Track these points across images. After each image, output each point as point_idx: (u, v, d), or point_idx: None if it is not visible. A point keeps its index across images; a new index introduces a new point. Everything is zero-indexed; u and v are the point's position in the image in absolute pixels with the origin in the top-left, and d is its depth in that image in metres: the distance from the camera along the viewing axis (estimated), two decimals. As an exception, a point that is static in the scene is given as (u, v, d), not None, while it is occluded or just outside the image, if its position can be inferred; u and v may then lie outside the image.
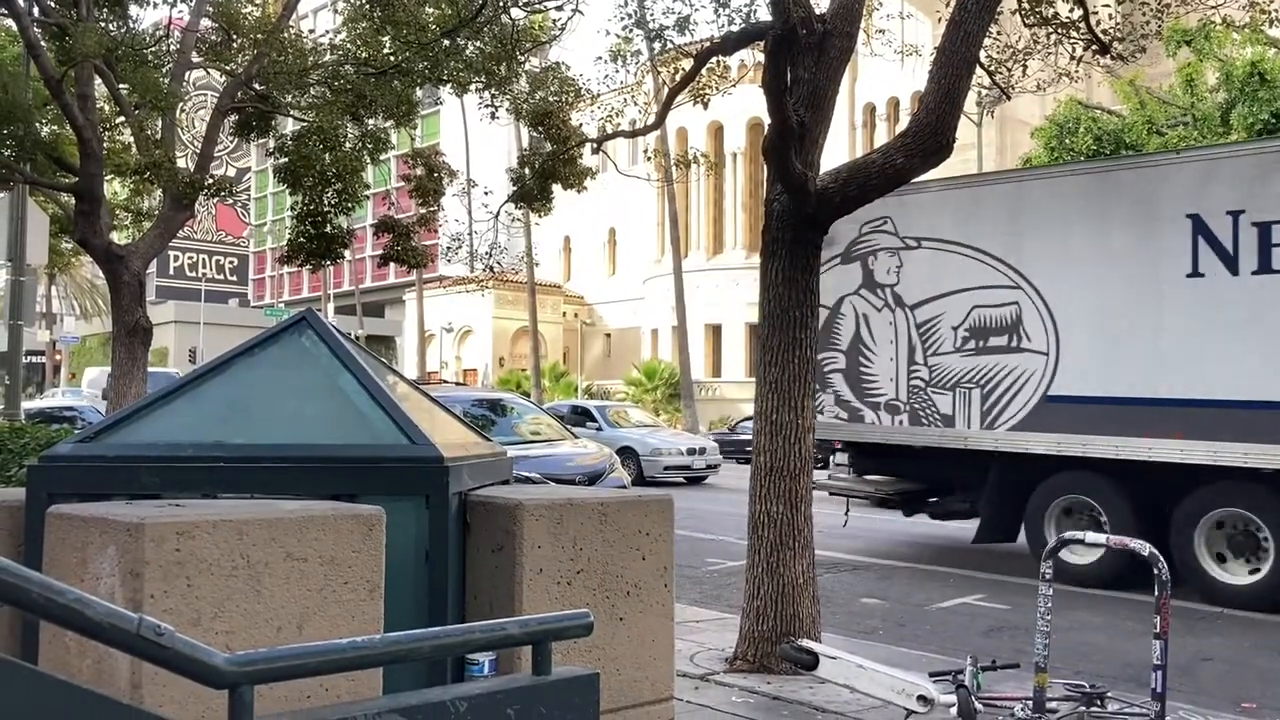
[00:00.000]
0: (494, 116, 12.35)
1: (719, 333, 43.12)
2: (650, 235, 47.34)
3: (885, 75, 32.89)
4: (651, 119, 10.30)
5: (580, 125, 12.37)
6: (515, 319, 49.99)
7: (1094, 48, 9.10)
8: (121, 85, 12.85)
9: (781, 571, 6.35)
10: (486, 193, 14.21)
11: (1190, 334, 9.34)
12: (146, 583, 2.72)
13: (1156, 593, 4.72)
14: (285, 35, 12.85)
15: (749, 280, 37.22)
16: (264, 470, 3.43)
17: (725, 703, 5.72)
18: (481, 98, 12.41)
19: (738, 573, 8.26)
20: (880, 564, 11.30)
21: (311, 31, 38.21)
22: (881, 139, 34.54)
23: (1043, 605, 5.00)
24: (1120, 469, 9.80)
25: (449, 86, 12.87)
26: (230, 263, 75.33)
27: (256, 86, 12.89)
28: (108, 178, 13.72)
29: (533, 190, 12.20)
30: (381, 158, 14.11)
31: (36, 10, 12.53)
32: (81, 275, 47.84)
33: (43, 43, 12.02)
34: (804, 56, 6.41)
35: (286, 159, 13.04)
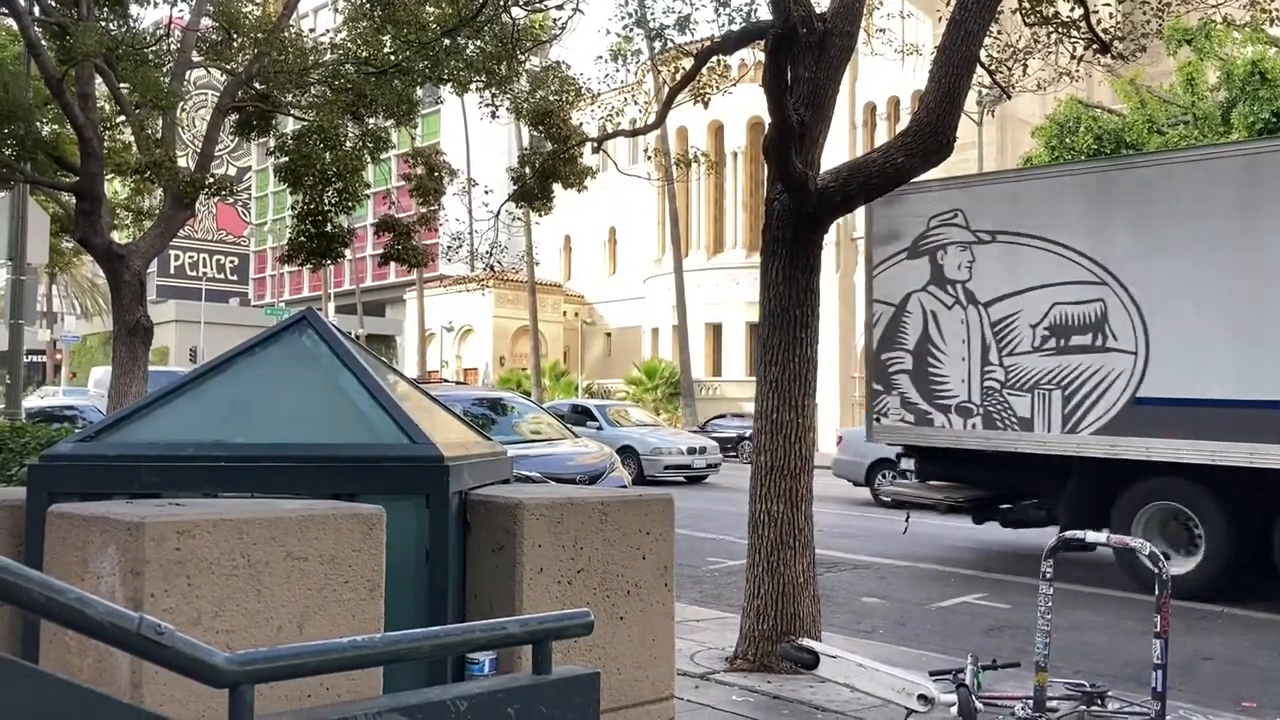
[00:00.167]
0: (494, 116, 12.36)
1: (719, 332, 43.10)
2: (650, 234, 47.33)
3: (886, 74, 32.86)
4: (652, 118, 10.30)
5: (581, 124, 12.38)
6: (516, 318, 50.01)
7: (1094, 47, 9.10)
8: (122, 84, 12.86)
9: (782, 571, 6.35)
10: (487, 192, 14.22)
11: None
12: (147, 582, 2.72)
13: (1157, 592, 4.72)
14: (286, 34, 12.86)
15: (749, 279, 37.21)
16: (264, 469, 3.43)
17: (725, 702, 5.72)
18: (482, 97, 12.43)
19: (738, 572, 8.26)
20: (880, 563, 11.30)
21: (312, 31, 38.22)
22: (882, 138, 34.53)
23: (1043, 604, 5.00)
24: (1217, 476, 9.25)
25: (449, 86, 12.88)
26: (231, 262, 75.33)
27: (257, 86, 12.90)
28: (108, 177, 13.72)
29: (533, 189, 12.21)
30: (382, 157, 14.11)
31: (37, 9, 12.54)
32: (82, 274, 47.86)
33: (43, 42, 12.03)
34: (804, 55, 6.41)
35: (287, 158, 13.05)
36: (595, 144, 10.78)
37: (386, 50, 12.64)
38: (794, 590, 6.34)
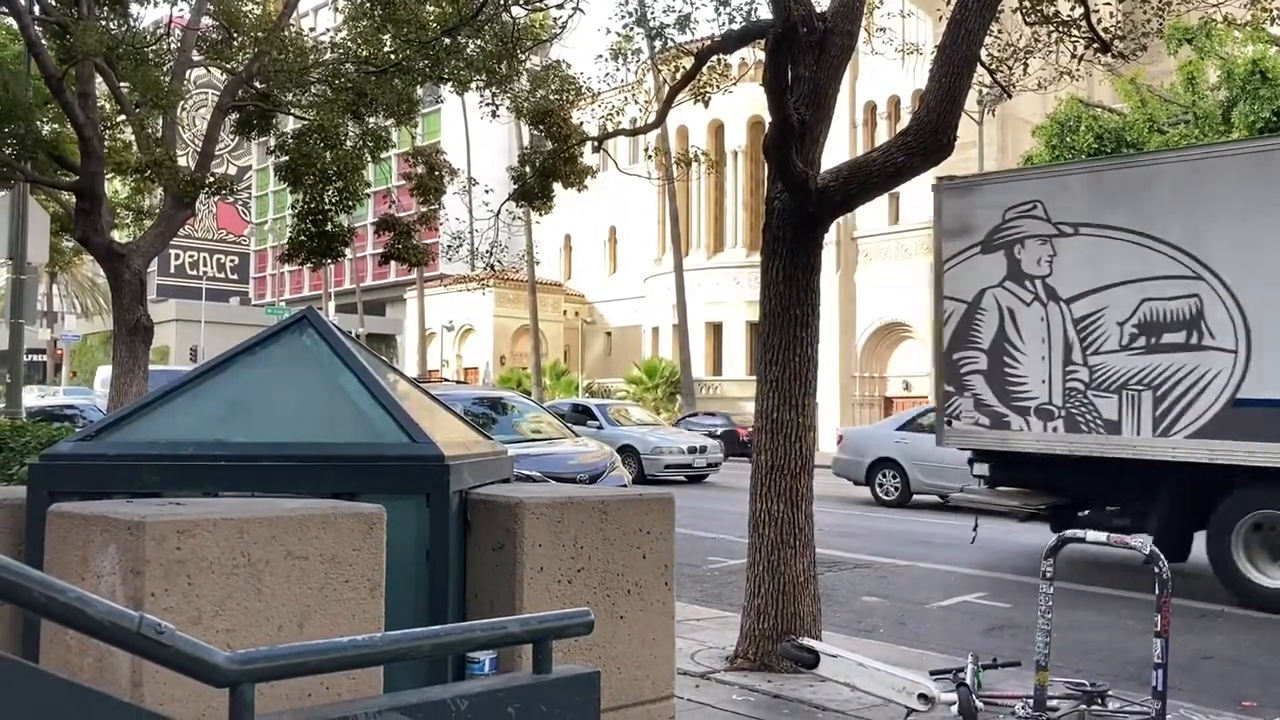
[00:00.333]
0: (495, 115, 12.36)
1: (719, 331, 43.11)
2: (651, 233, 47.34)
3: (886, 74, 32.87)
4: (652, 117, 10.29)
5: (581, 124, 12.38)
6: (516, 317, 50.03)
7: (1095, 46, 9.10)
8: (122, 83, 12.87)
9: (782, 570, 6.35)
10: (487, 191, 14.24)
11: None
12: (147, 581, 2.72)
13: (1157, 591, 4.72)
14: (286, 34, 12.87)
15: (750, 278, 37.24)
16: (265, 468, 3.43)
17: (726, 701, 5.72)
18: (482, 96, 12.44)
19: (738, 571, 8.26)
20: (881, 562, 11.29)
21: (312, 30, 38.26)
22: (882, 137, 34.53)
23: (1044, 604, 5.00)
24: None
25: (450, 85, 12.89)
26: (231, 261, 75.34)
27: (257, 85, 12.91)
28: (109, 176, 13.73)
29: (533, 188, 12.22)
30: (382, 156, 14.13)
31: (37, 8, 12.55)
32: (82, 273, 47.91)
33: (43, 41, 12.03)
34: (805, 55, 6.41)
35: (287, 157, 13.06)
36: (595, 143, 10.78)
37: (387, 49, 12.65)
38: (794, 589, 6.34)
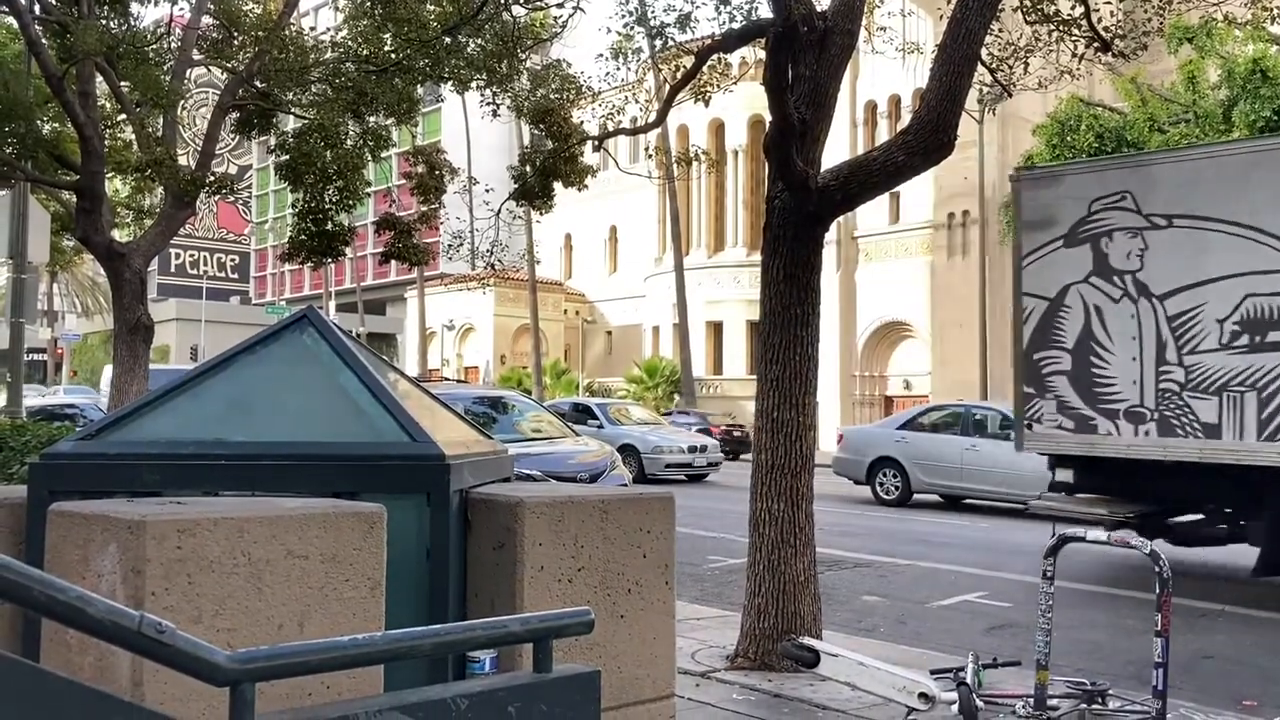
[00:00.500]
0: (495, 114, 12.36)
1: (720, 330, 43.11)
2: (651, 233, 47.35)
3: (887, 73, 32.87)
4: (653, 117, 10.29)
5: (581, 123, 12.37)
6: (516, 316, 50.03)
7: (1095, 45, 9.09)
8: (123, 83, 12.86)
9: (783, 569, 6.35)
10: (488, 190, 14.24)
11: None
12: (148, 580, 2.72)
13: (1158, 590, 4.72)
14: (286, 33, 12.86)
15: (750, 277, 37.24)
16: (265, 468, 3.43)
17: (726, 700, 5.72)
18: (483, 95, 12.43)
19: (739, 570, 8.26)
20: (881, 561, 11.29)
21: (313, 29, 38.24)
22: (883, 136, 34.52)
23: (1044, 603, 5.00)
24: None
25: (450, 84, 12.89)
26: (232, 260, 75.33)
27: (258, 84, 12.91)
28: (109, 175, 13.73)
29: (534, 188, 12.21)
30: (382, 155, 14.12)
31: (38, 8, 12.55)
32: (83, 273, 47.90)
33: (44, 40, 12.03)
34: (805, 54, 6.41)
35: (288, 156, 13.05)
36: (596, 142, 10.79)
37: (387, 48, 12.65)
38: (795, 588, 6.34)
